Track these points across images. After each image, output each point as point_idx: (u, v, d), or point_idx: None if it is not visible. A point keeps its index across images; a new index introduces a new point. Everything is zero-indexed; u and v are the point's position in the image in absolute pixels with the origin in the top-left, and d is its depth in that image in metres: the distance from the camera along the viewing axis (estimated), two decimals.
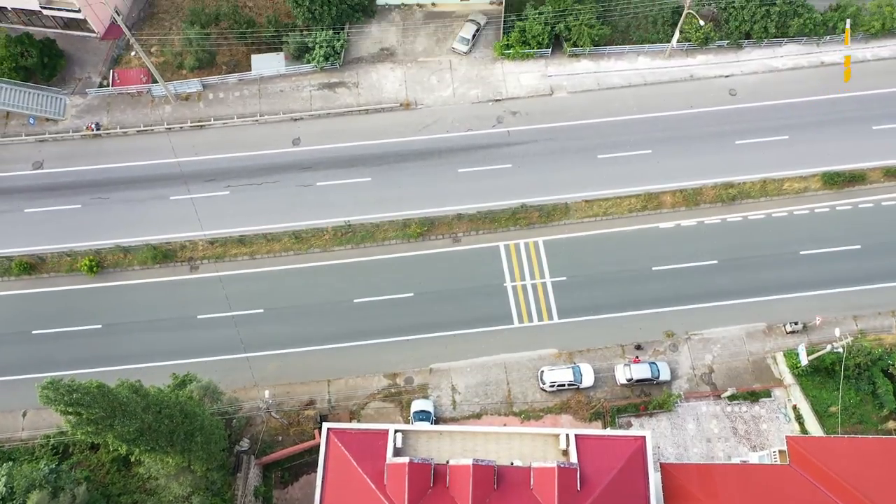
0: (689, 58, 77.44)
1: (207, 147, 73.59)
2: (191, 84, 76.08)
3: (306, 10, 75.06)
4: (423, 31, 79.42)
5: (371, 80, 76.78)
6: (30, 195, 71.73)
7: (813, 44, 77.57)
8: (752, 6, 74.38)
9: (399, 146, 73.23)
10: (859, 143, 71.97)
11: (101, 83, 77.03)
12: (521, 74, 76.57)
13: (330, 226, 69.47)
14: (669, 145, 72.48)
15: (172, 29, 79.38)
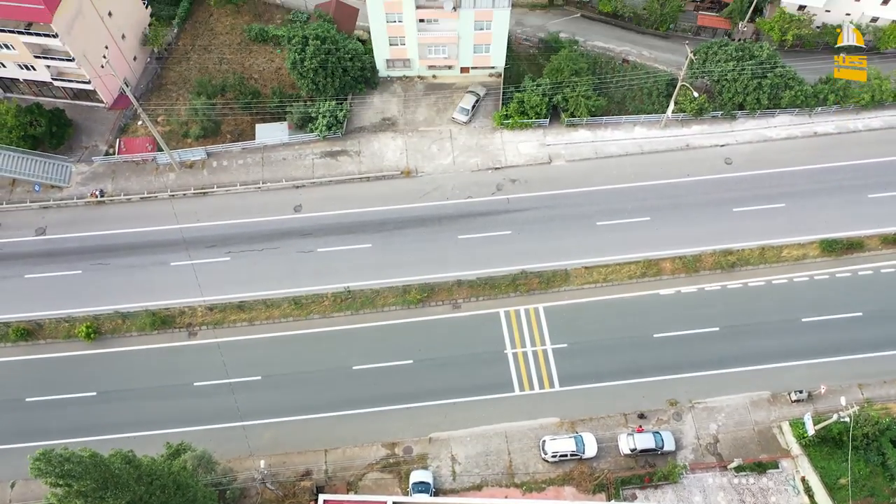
0: (685, 128, 79.07)
1: (209, 213, 74.26)
2: (195, 152, 77.42)
3: (310, 81, 77.11)
4: (423, 102, 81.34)
5: (373, 148, 78.15)
6: (31, 261, 71.91)
7: (805, 115, 79.34)
8: (745, 79, 76.42)
9: (400, 213, 73.90)
10: (856, 210, 72.66)
11: (107, 151, 78.41)
12: (519, 143, 78.00)
13: (330, 292, 69.37)
14: (668, 212, 73.15)
15: (179, 99, 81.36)
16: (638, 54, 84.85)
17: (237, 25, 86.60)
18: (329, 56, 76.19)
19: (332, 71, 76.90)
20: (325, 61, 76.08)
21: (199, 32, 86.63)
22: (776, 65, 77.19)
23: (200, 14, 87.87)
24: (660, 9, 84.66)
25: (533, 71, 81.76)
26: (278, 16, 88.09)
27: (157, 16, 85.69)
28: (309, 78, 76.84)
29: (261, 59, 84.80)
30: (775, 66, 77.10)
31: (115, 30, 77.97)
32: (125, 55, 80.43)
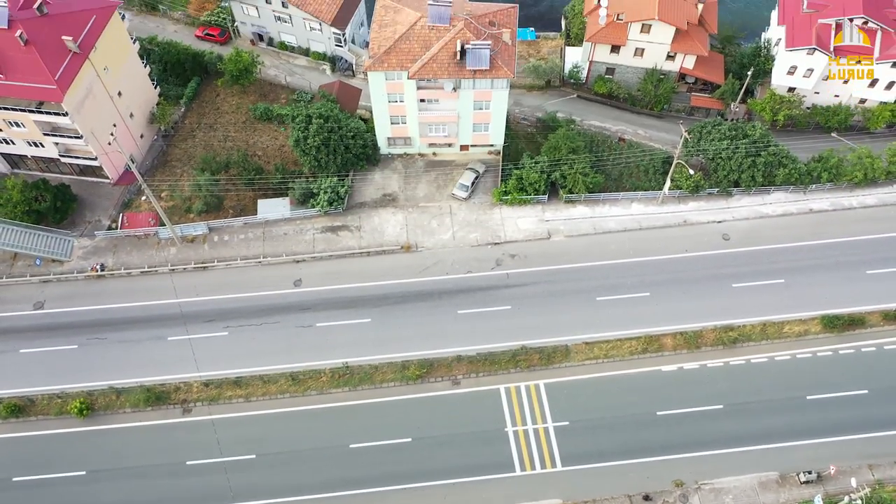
0: (682, 204, 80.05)
1: (209, 288, 74.20)
2: (197, 227, 78.07)
3: (313, 158, 78.60)
4: (424, 178, 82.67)
5: (373, 223, 78.87)
6: (27, 335, 71.35)
7: (800, 192, 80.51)
8: (739, 157, 77.94)
9: (399, 287, 73.86)
10: (855, 286, 72.68)
11: (109, 226, 79.09)
12: (518, 219, 78.79)
13: (328, 367, 68.54)
14: (667, 288, 73.14)
15: (183, 175, 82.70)
16: (634, 133, 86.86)
17: (243, 105, 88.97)
18: (332, 134, 77.95)
19: (335, 148, 78.51)
20: (327, 139, 77.78)
21: (205, 111, 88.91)
22: (769, 144, 78.90)
23: (208, 94, 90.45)
24: (654, 90, 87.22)
25: (531, 149, 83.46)
26: (283, 96, 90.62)
27: (166, 95, 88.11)
28: (311, 155, 78.35)
29: (265, 137, 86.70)
30: (768, 145, 78.77)
31: (124, 109, 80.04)
32: (132, 133, 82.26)
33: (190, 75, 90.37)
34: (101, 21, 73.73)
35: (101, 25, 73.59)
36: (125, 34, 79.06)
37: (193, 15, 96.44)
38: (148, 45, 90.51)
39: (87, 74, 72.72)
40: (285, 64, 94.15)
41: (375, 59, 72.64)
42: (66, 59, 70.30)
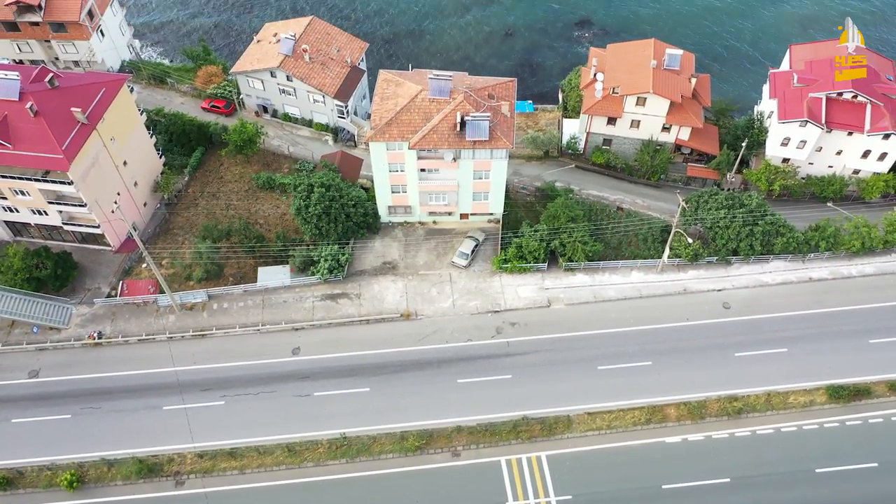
0: (681, 272, 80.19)
1: (207, 356, 73.46)
2: (197, 294, 77.96)
3: (314, 226, 79.21)
4: (424, 247, 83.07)
5: (373, 291, 78.78)
6: (21, 404, 70.14)
7: (798, 260, 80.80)
8: (736, 226, 78.57)
9: (399, 356, 73.13)
10: (859, 356, 71.98)
11: (109, 293, 78.97)
12: (518, 287, 78.75)
13: (325, 438, 67.11)
14: (669, 357, 72.42)
15: (185, 243, 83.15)
16: (632, 202, 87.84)
17: (246, 174, 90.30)
18: (333, 203, 78.82)
19: (336, 217, 79.24)
20: (328, 207, 78.60)
21: (208, 180, 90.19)
22: (766, 213, 79.69)
23: (211, 163, 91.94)
24: (650, 161, 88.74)
25: (530, 217, 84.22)
26: (286, 165, 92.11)
27: (170, 164, 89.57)
28: (312, 223, 79.00)
29: (267, 206, 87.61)
30: (765, 214, 79.55)
31: (129, 177, 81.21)
32: (136, 201, 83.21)
33: (195, 145, 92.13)
34: (111, 93, 75.67)
35: (110, 98, 75.47)
36: (133, 106, 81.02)
37: (200, 88, 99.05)
38: (155, 116, 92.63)
39: (94, 145, 74.10)
40: (288, 135, 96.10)
41: (377, 130, 74.16)
42: (73, 129, 71.79)
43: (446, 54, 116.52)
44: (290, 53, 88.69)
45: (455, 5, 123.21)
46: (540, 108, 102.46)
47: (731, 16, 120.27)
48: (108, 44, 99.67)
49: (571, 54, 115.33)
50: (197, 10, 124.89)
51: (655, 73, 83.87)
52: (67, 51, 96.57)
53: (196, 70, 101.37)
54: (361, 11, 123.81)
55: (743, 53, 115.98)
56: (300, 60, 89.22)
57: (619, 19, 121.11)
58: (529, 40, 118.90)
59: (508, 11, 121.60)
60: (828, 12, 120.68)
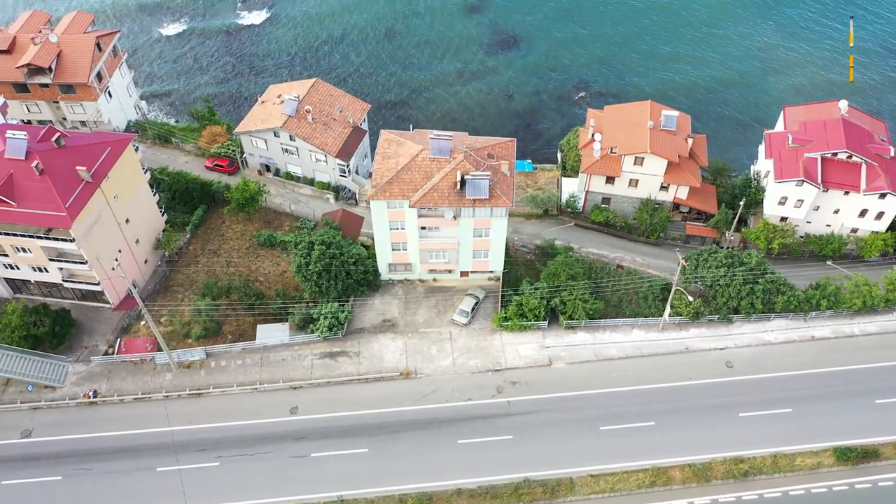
0: (683, 331, 79.71)
1: (203, 416, 72.32)
2: (195, 352, 77.30)
3: (314, 284, 79.14)
4: (424, 304, 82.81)
5: (372, 349, 78.14)
6: (11, 466, 68.65)
7: (800, 319, 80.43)
8: (737, 284, 78.51)
9: (398, 416, 71.99)
10: (865, 416, 70.90)
11: (106, 351, 78.32)
12: (519, 345, 78.14)
13: (322, 501, 65.42)
14: (673, 417, 71.29)
15: (184, 300, 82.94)
16: (631, 260, 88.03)
17: (247, 232, 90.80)
18: (333, 260, 78.98)
19: (336, 274, 79.27)
20: (329, 265, 78.72)
21: (209, 237, 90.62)
22: (766, 271, 79.74)
23: (213, 221, 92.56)
24: (649, 219, 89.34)
25: (530, 275, 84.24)
26: (287, 223, 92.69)
27: (172, 222, 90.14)
28: (313, 281, 78.97)
29: (267, 263, 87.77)
30: (765, 273, 79.57)
31: (130, 235, 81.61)
32: (136, 258, 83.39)
33: (197, 203, 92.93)
34: (116, 152, 76.76)
35: (115, 157, 76.52)
36: (137, 165, 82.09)
37: (204, 147, 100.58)
38: (159, 174, 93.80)
39: (98, 202, 74.74)
40: (290, 193, 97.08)
41: (378, 188, 74.93)
42: (78, 187, 72.50)
43: (447, 115, 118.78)
44: (293, 114, 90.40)
45: (456, 72, 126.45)
46: (539, 168, 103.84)
47: (724, 83, 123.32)
48: (115, 104, 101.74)
49: (569, 115, 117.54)
50: (204, 73, 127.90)
51: (653, 134, 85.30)
52: (75, 111, 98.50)
53: (201, 130, 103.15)
54: (365, 74, 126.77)
55: (737, 116, 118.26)
56: (303, 121, 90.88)
57: (615, 83, 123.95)
58: (528, 102, 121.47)
59: (508, 78, 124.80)
60: (817, 80, 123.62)
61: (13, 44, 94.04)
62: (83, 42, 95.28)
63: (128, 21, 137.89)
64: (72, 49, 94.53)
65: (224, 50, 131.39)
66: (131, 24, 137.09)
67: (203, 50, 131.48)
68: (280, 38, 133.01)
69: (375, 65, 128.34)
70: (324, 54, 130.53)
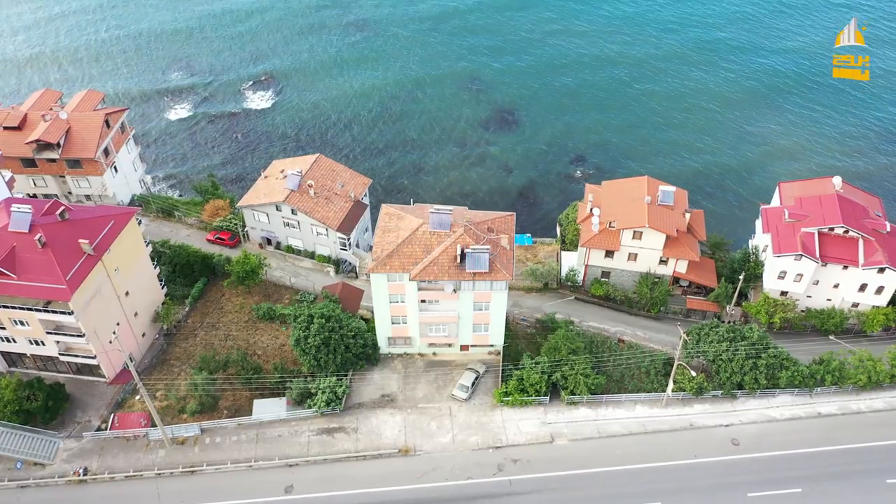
0: (687, 407, 78.40)
1: (195, 495, 70.18)
2: (189, 428, 75.75)
3: (313, 358, 78.33)
4: (423, 379, 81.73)
5: (371, 425, 76.61)
6: None
7: (806, 395, 79.24)
8: (739, 359, 77.70)
9: (396, 495, 69.89)
10: (877, 498, 68.92)
11: (99, 426, 76.77)
12: (520, 421, 76.68)
13: None
14: (679, 497, 69.20)
15: (181, 374, 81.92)
16: (632, 334, 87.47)
17: (246, 305, 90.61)
18: (332, 333, 78.46)
19: (335, 348, 78.59)
20: (328, 338, 78.14)
21: (209, 310, 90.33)
22: (768, 346, 79.07)
23: (213, 293, 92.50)
24: (649, 293, 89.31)
25: (531, 349, 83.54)
26: (287, 296, 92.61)
27: (172, 295, 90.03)
28: (311, 354, 78.21)
29: (265, 337, 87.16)
30: (767, 347, 78.88)
31: (129, 308, 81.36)
32: (134, 331, 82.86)
33: (198, 276, 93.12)
34: (119, 226, 77.45)
35: (118, 230, 77.17)
36: (140, 238, 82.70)
37: (206, 220, 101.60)
38: (160, 247, 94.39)
39: (98, 275, 74.88)
40: (291, 266, 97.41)
41: (379, 262, 75.23)
42: (79, 260, 72.77)
43: (447, 190, 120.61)
44: (295, 188, 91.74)
45: (457, 148, 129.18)
46: (538, 241, 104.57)
47: (719, 160, 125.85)
48: (120, 179, 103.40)
49: (567, 190, 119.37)
50: (209, 149, 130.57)
51: (650, 209, 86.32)
52: (81, 185, 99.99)
53: (204, 204, 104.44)
54: (366, 150, 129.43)
55: (732, 191, 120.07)
56: (305, 195, 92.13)
57: (611, 161, 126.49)
58: (527, 177, 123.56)
59: (507, 154, 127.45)
60: (809, 153, 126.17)
61: (24, 120, 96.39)
62: (92, 119, 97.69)
63: (137, 99, 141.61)
64: (81, 125, 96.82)
65: (230, 129, 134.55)
66: (140, 103, 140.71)
67: (209, 128, 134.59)
68: (284, 118, 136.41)
69: (377, 141, 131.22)
70: (327, 132, 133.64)
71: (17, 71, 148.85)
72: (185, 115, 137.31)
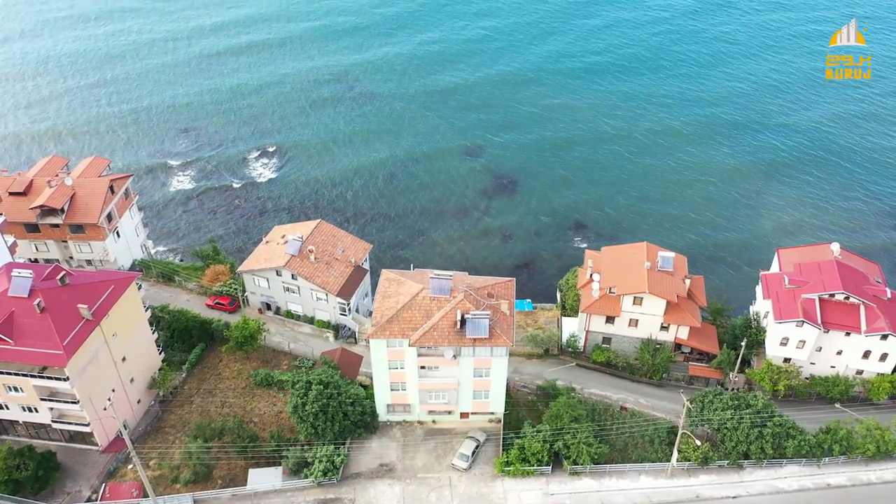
0: (692, 477, 76.52)
1: None
2: (182, 499, 73.75)
3: (310, 425, 76.92)
4: (423, 447, 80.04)
5: (368, 496, 74.57)
6: None
7: (814, 465, 77.45)
8: (745, 428, 76.27)
9: None
10: None
11: (90, 497, 74.72)
12: (522, 492, 74.70)
13: None
14: None
15: (175, 442, 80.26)
16: (635, 402, 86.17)
17: (244, 371, 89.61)
18: (330, 400, 77.30)
19: (333, 415, 77.28)
20: (326, 405, 76.95)
21: (206, 376, 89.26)
22: (773, 414, 77.77)
23: (211, 359, 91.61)
24: (651, 359, 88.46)
25: (532, 417, 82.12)
26: (285, 362, 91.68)
27: (169, 361, 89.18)
28: (309, 422, 76.83)
29: (263, 403, 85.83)
30: (773, 416, 77.56)
31: (126, 374, 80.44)
32: (130, 398, 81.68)
33: (196, 341, 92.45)
34: (119, 291, 77.40)
35: (118, 295, 77.08)
36: (139, 303, 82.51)
37: (207, 285, 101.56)
38: (159, 312, 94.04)
39: (96, 341, 74.35)
40: (290, 331, 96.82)
41: (378, 327, 74.81)
42: (77, 325, 72.40)
43: (447, 255, 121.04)
44: (296, 254, 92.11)
45: (456, 214, 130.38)
46: (539, 307, 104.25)
47: (716, 226, 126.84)
48: (122, 244, 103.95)
49: (567, 256, 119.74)
50: (211, 215, 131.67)
51: (650, 274, 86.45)
52: (82, 250, 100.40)
53: (204, 269, 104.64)
54: (367, 216, 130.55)
55: (730, 257, 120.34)
56: (306, 260, 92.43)
57: (609, 227, 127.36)
58: (526, 242, 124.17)
59: (506, 219, 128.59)
60: (805, 223, 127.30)
61: (30, 186, 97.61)
62: (97, 185, 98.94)
63: (143, 168, 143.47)
64: (85, 191, 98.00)
65: (232, 197, 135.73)
66: (146, 171, 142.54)
67: (212, 196, 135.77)
68: (288, 187, 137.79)
69: (379, 208, 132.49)
70: (329, 200, 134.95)
71: (25, 144, 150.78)
72: (189, 184, 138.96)
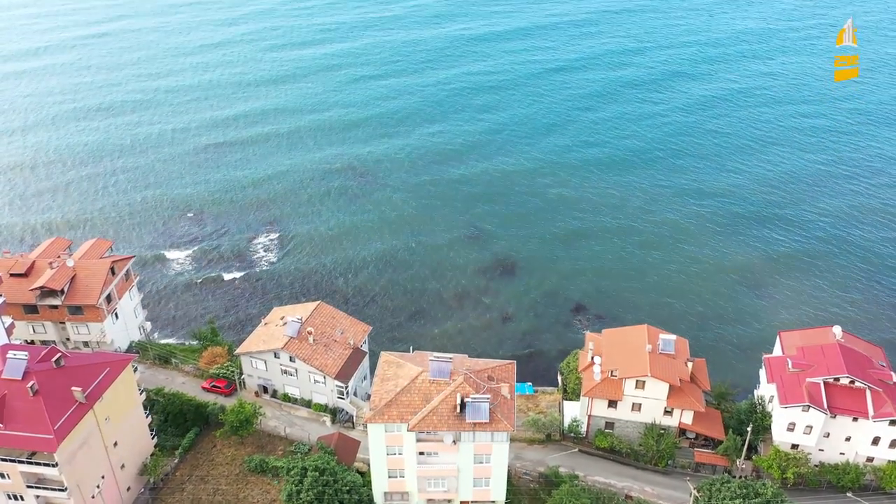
0: None
1: None
2: None
3: None
4: None
5: None
6: None
7: None
8: None
9: None
10: None
11: None
12: None
13: None
14: None
15: None
16: (640, 490, 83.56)
17: (238, 456, 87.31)
18: (326, 488, 74.87)
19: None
20: (321, 493, 74.45)
21: (199, 462, 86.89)
22: (783, 503, 75.18)
23: (204, 444, 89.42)
24: (655, 445, 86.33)
25: None
26: (280, 447, 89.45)
27: (162, 446, 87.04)
28: None
29: (256, 491, 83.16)
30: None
31: (116, 460, 78.39)
32: (119, 485, 79.28)
33: (190, 425, 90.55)
34: (114, 373, 76.48)
35: (113, 377, 76.12)
36: (134, 385, 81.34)
37: (203, 368, 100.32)
38: (154, 395, 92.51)
39: (88, 424, 72.85)
40: (286, 415, 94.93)
41: (376, 411, 73.40)
42: (70, 408, 71.08)
43: (446, 337, 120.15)
44: (295, 335, 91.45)
45: (455, 297, 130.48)
46: (540, 391, 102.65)
47: (715, 309, 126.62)
48: (120, 325, 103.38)
49: (567, 338, 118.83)
50: (210, 296, 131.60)
51: (652, 357, 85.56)
52: (80, 332, 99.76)
53: (202, 351, 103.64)
54: (366, 297, 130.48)
55: (732, 340, 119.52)
56: (304, 342, 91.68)
57: (610, 309, 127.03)
58: (526, 324, 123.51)
59: (506, 301, 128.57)
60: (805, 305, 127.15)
61: (31, 268, 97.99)
62: (98, 266, 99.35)
63: (145, 249, 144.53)
64: (86, 273, 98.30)
65: (233, 280, 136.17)
66: (148, 253, 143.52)
67: (213, 280, 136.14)
68: (289, 270, 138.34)
69: (377, 289, 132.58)
70: (328, 279, 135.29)
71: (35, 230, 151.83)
72: (190, 267, 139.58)
